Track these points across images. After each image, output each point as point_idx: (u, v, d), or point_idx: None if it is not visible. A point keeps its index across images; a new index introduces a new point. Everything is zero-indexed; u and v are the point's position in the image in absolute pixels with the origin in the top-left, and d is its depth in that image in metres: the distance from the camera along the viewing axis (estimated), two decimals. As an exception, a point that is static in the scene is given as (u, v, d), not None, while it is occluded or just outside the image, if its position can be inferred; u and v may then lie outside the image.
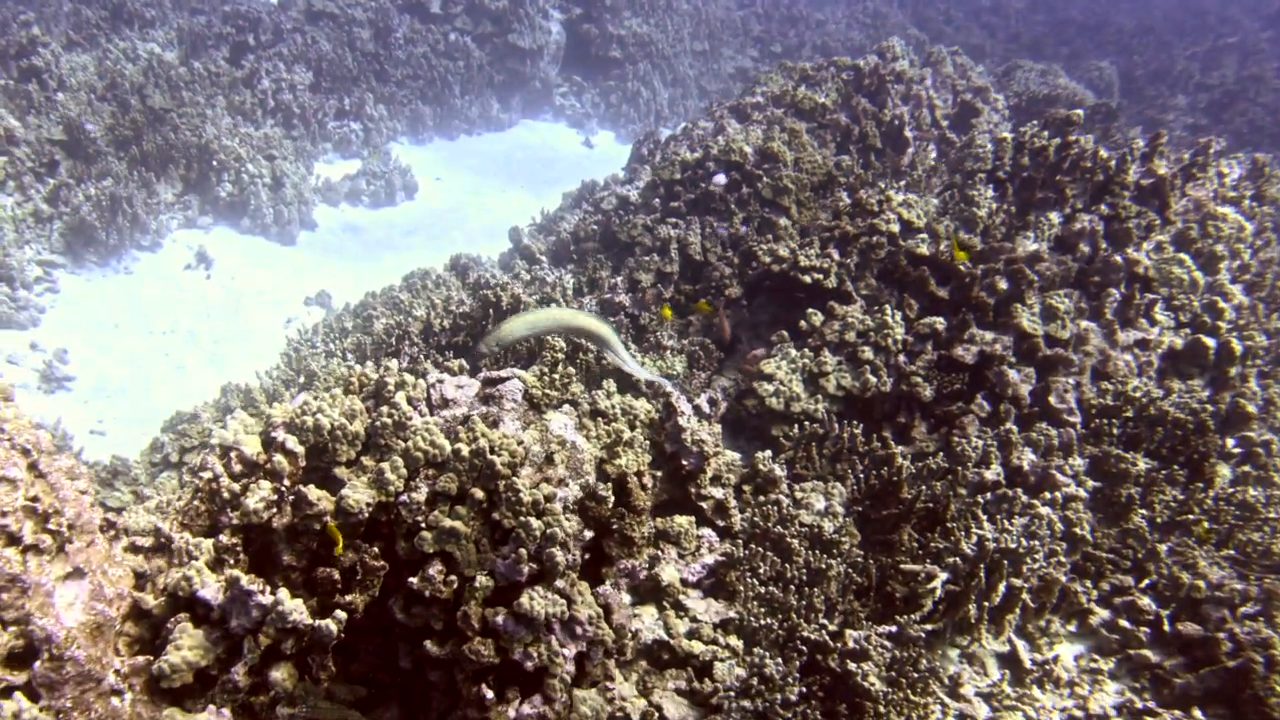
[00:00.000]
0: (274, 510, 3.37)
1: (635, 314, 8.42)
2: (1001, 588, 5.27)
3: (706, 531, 5.39)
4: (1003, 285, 7.08)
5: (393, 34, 16.78)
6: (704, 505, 5.50)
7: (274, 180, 11.51)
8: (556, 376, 4.88)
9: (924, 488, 5.66)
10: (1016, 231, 7.45)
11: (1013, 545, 5.27)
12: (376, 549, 3.37)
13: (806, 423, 6.77)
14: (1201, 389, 7.35)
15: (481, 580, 3.28)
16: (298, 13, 15.91)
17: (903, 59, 12.69)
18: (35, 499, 3.22)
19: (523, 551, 3.24)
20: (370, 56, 16.10)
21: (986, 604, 5.23)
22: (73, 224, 9.91)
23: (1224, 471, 6.55)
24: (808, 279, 7.55)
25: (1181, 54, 23.40)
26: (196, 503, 3.46)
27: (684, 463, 5.46)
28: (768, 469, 5.73)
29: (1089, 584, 5.86)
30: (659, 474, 5.44)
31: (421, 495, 3.39)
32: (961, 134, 12.27)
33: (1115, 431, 6.60)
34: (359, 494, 3.33)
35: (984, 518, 5.54)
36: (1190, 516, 6.18)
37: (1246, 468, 6.81)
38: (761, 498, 5.69)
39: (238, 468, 3.71)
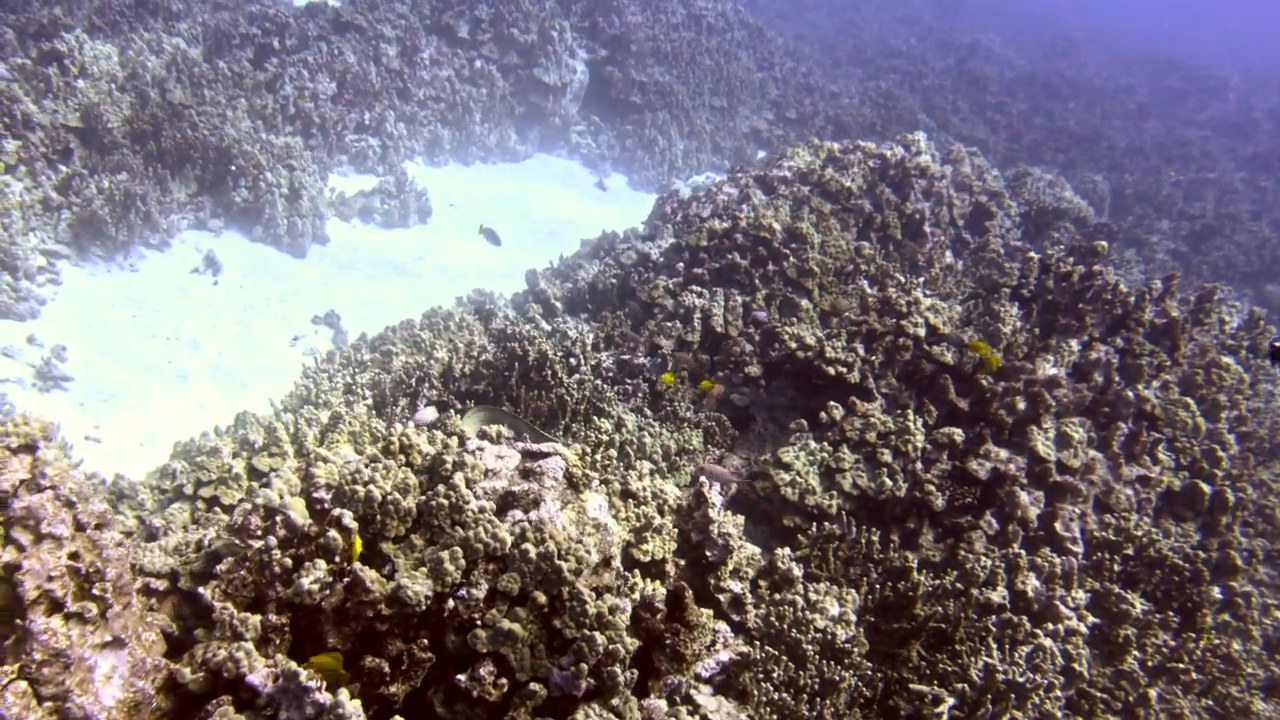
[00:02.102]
0: (326, 591, 3.28)
1: (653, 379, 8.41)
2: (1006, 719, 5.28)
3: (722, 626, 5.35)
4: (1021, 405, 7.19)
5: (419, 53, 16.80)
6: (721, 598, 5.47)
7: (291, 191, 11.39)
8: (599, 458, 4.85)
9: (937, 608, 5.67)
10: (1037, 353, 7.58)
11: (1020, 679, 5.30)
12: (425, 640, 3.29)
13: (819, 518, 6.79)
14: (1195, 533, 7.51)
15: (535, 688, 3.21)
16: (325, 21, 15.87)
17: (925, 153, 12.96)
18: (77, 555, 3.11)
19: (583, 666, 3.18)
20: (394, 74, 16.08)
21: (991, 736, 5.22)
22: (82, 216, 9.69)
23: (1208, 620, 6.67)
24: (831, 370, 7.61)
25: (1167, 180, 24.28)
26: (243, 573, 3.36)
27: (707, 554, 5.44)
28: (785, 567, 5.72)
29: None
30: (681, 562, 5.41)
31: (481, 592, 3.32)
32: (976, 235, 12.52)
33: (1116, 568, 6.69)
34: (418, 585, 3.25)
35: (993, 645, 5.56)
36: (1180, 665, 6.27)
37: (1226, 616, 6.96)
38: (777, 596, 5.67)
39: (282, 533, 3.62)
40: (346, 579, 3.28)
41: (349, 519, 3.47)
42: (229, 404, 8.49)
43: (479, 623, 3.29)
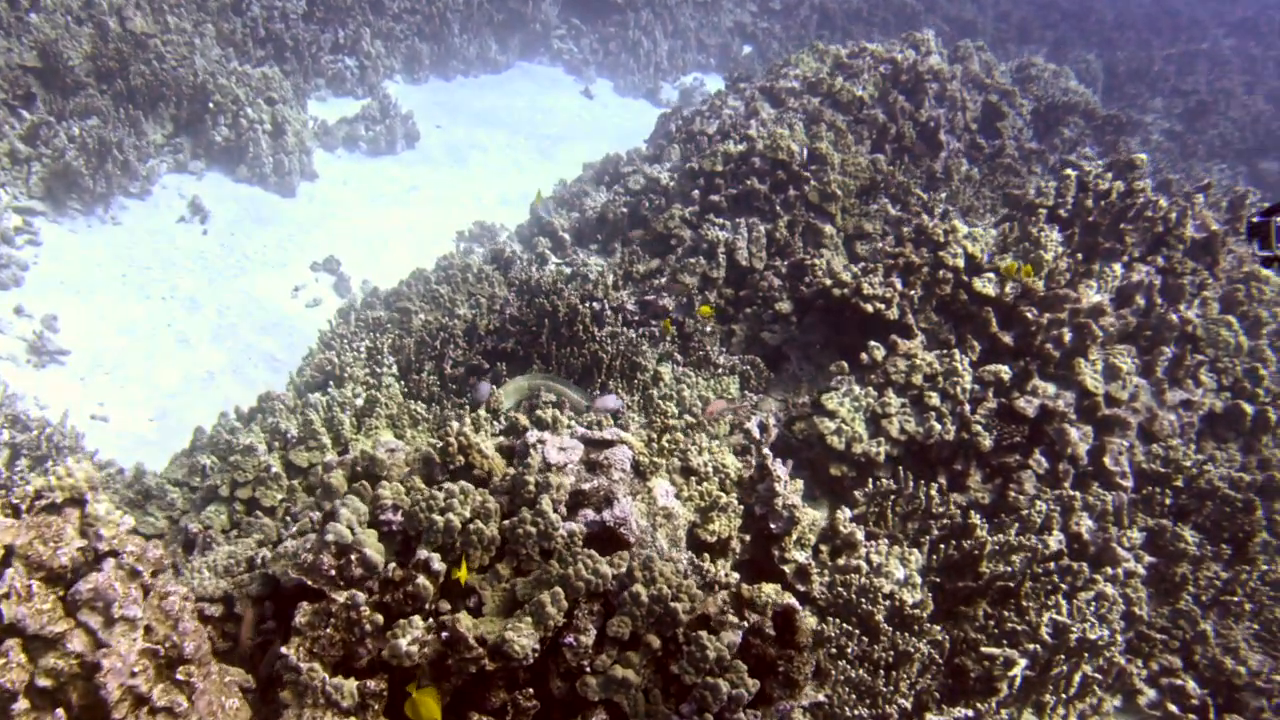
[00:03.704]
0: (425, 649, 3.05)
1: (679, 320, 8.10)
2: (1078, 678, 5.25)
3: (791, 600, 5.22)
4: (1067, 337, 6.97)
5: (390, -41, 15.67)
6: (786, 569, 5.33)
7: (274, 126, 10.68)
8: (665, 443, 4.60)
9: (1003, 566, 5.57)
10: (1080, 279, 7.31)
11: (1092, 636, 5.24)
12: (530, 689, 3.10)
13: (867, 466, 6.63)
14: (1237, 455, 7.43)
15: (651, 736, 3.05)
16: (289, -73, 14.69)
17: (935, 54, 12.35)
18: (150, 630, 2.85)
19: (708, 716, 3.01)
20: (366, -16, 15.02)
21: (1064, 695, 5.20)
22: (55, 169, 9.03)
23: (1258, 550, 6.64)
24: (869, 308, 7.32)
25: (1159, 54, 23.56)
26: (329, 631, 3.12)
27: (772, 526, 5.27)
28: (848, 531, 5.57)
29: (1140, 663, 5.92)
30: (746, 537, 5.24)
31: (589, 639, 3.11)
32: (989, 138, 12.05)
33: (1167, 502, 6.61)
34: (524, 639, 3.03)
35: (1064, 602, 5.49)
36: (1234, 598, 6.27)
37: (1264, 536, 6.94)
38: (841, 561, 5.54)
39: (358, 572, 3.37)
40: (446, 634, 3.05)
41: (438, 562, 3.22)
42: (236, 368, 8.13)
43: (588, 669, 3.10)
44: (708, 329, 8.03)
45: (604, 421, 5.83)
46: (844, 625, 5.02)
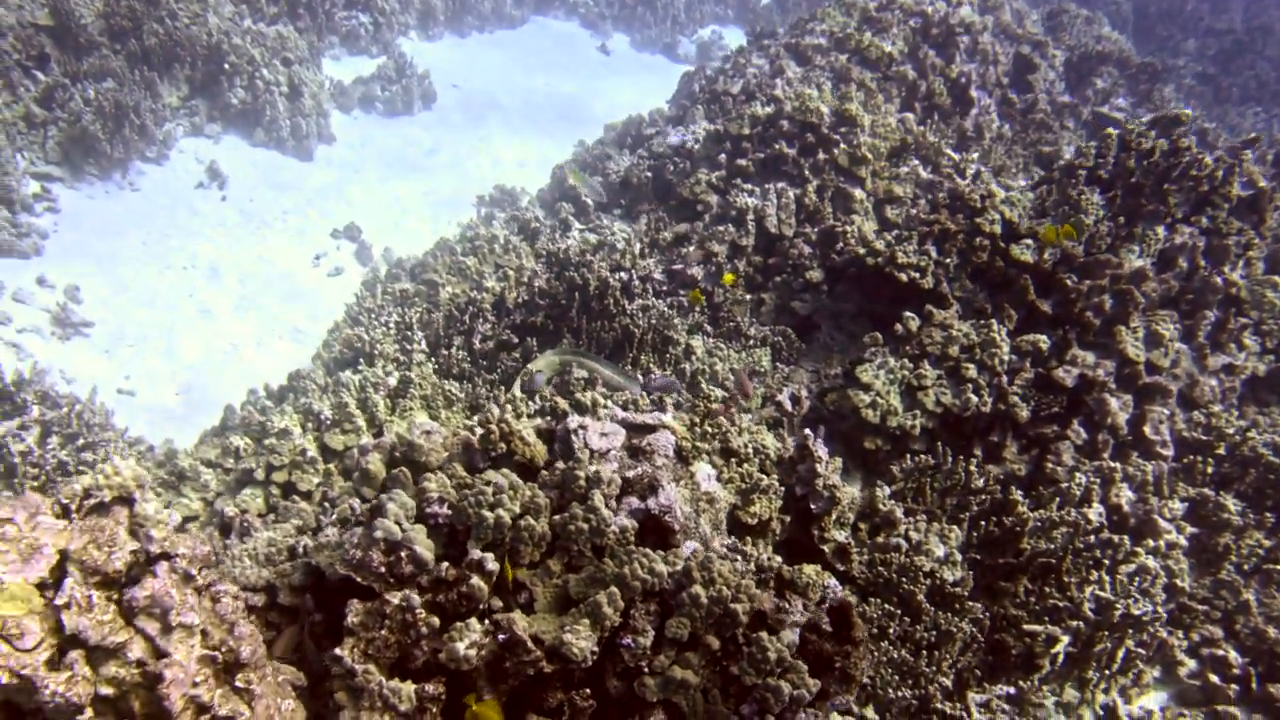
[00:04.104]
0: (482, 652, 3.01)
1: (709, 289, 7.97)
2: (1121, 653, 5.21)
3: (831, 581, 5.17)
4: (1108, 304, 6.82)
5: (401, -91, 15.23)
6: (825, 549, 5.28)
7: (291, 88, 10.48)
8: (708, 428, 4.52)
9: (1045, 543, 5.50)
10: (1121, 243, 7.13)
11: (1136, 611, 5.19)
12: (587, 689, 3.06)
13: (902, 439, 6.55)
14: (1281, 419, 7.30)
15: (710, 735, 3.01)
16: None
17: (966, 4, 11.96)
18: (206, 635, 2.81)
19: (769, 718, 2.97)
20: (377, -65, 14.62)
21: (1107, 670, 5.17)
22: (72, 133, 8.90)
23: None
24: (904, 277, 7.17)
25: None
26: (384, 633, 3.07)
27: (812, 506, 5.20)
28: (887, 509, 5.50)
29: (1181, 634, 5.87)
30: (787, 518, 5.19)
31: (648, 640, 3.06)
32: (1020, 92, 11.72)
33: (1209, 471, 6.51)
34: (583, 641, 2.98)
35: (1106, 577, 5.42)
36: (1277, 566, 6.19)
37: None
38: (880, 539, 5.48)
39: (408, 569, 3.32)
40: (503, 636, 3.00)
41: (491, 562, 3.17)
42: (260, 340, 8.07)
43: (646, 669, 3.05)
44: (736, 298, 7.90)
45: (648, 401, 5.76)
46: (885, 606, 4.97)
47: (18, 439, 5.53)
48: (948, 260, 7.19)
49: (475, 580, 3.11)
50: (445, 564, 3.22)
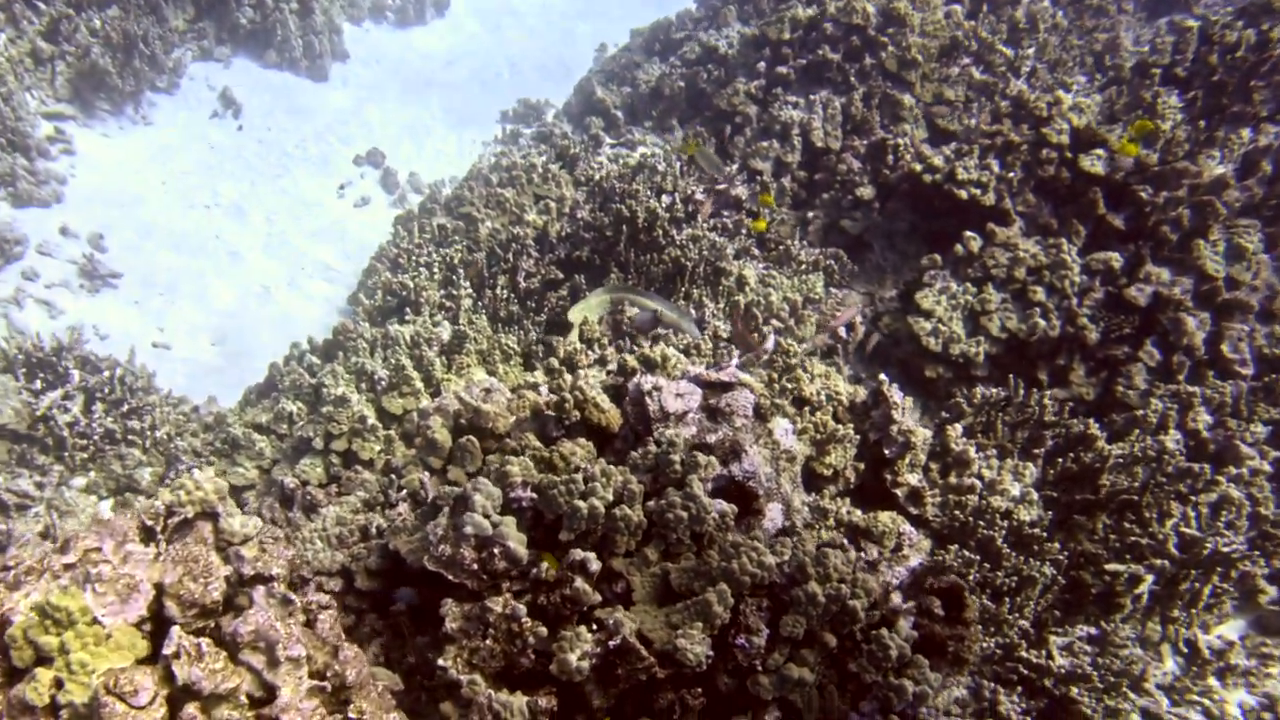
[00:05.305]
0: (595, 661, 2.88)
1: (755, 210, 7.62)
2: (1207, 591, 5.11)
3: (906, 528, 5.05)
4: (1186, 217, 6.45)
5: None
6: (898, 493, 5.14)
7: (301, 4, 9.89)
8: (787, 384, 4.31)
9: (1126, 479, 5.33)
10: (1200, 149, 6.70)
11: (1225, 549, 5.06)
12: (699, 688, 2.95)
13: (965, 367, 6.34)
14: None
15: (826, 732, 2.92)
16: None
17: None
18: (309, 659, 2.69)
19: (892, 716, 2.87)
20: None
21: (1193, 610, 5.08)
22: (81, 69, 8.45)
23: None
24: (964, 194, 6.80)
25: None
26: (489, 643, 2.95)
27: (886, 451, 5.04)
28: (960, 449, 5.33)
29: (1263, 561, 5.75)
30: (860, 466, 5.04)
31: (761, 639, 2.93)
32: (1072, -25, 10.92)
33: (1291, 390, 6.26)
34: (697, 646, 2.85)
35: (1190, 512, 5.27)
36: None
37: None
38: (952, 480, 5.33)
39: (501, 565, 3.18)
40: (614, 642, 2.87)
41: (594, 562, 3.02)
42: (292, 280, 7.83)
43: (760, 668, 2.93)
44: (780, 217, 7.56)
45: (697, 336, 5.53)
46: (964, 553, 4.85)
47: (63, 410, 5.40)
48: (1011, 175, 6.79)
49: (579, 583, 2.97)
50: (544, 564, 3.08)
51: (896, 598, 3.12)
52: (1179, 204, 6.46)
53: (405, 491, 4.31)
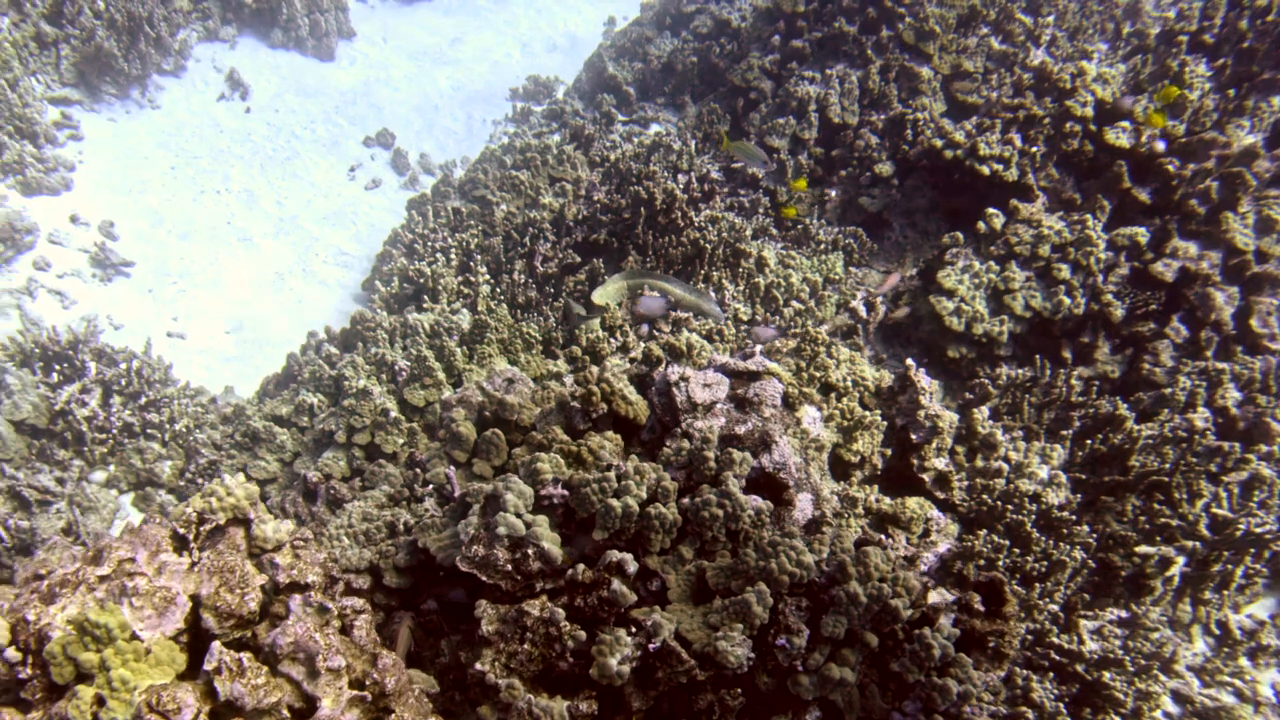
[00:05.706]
0: (635, 665, 2.85)
1: (772, 189, 7.52)
2: (1240, 573, 5.06)
3: (934, 513, 5.01)
4: (1214, 189, 6.33)
5: None
6: (925, 477, 5.09)
7: (306, -18, 9.75)
8: (814, 371, 4.25)
9: (1155, 460, 5.27)
10: (1229, 118, 6.56)
11: (1258, 530, 5.00)
12: (739, 688, 2.93)
13: (988, 346, 6.26)
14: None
15: (868, 731, 2.89)
16: None
17: None
18: (349, 668, 2.66)
19: (936, 716, 2.83)
20: None
21: (1225, 592, 5.04)
22: (86, 52, 8.34)
23: None
24: (986, 170, 6.68)
25: None
26: (529, 648, 2.92)
27: (913, 436, 4.99)
28: (987, 432, 5.27)
29: (1293, 538, 5.69)
30: (887, 451, 4.99)
31: (802, 640, 2.89)
32: (1091, -63, 10.67)
33: (1320, 364, 6.17)
34: (739, 649, 2.81)
35: (1222, 492, 5.21)
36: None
37: None
38: (979, 463, 5.28)
39: (535, 566, 3.15)
40: (654, 645, 2.84)
41: (632, 564, 2.98)
42: (305, 266, 7.76)
43: (800, 668, 2.90)
44: (799, 195, 7.45)
45: (723, 322, 5.47)
46: (993, 538, 4.81)
47: (81, 403, 5.37)
48: (1034, 149, 6.67)
49: (617, 585, 2.93)
50: (581, 566, 3.04)
51: (934, 596, 3.07)
52: (1207, 176, 6.34)
53: (431, 486, 4.28)
